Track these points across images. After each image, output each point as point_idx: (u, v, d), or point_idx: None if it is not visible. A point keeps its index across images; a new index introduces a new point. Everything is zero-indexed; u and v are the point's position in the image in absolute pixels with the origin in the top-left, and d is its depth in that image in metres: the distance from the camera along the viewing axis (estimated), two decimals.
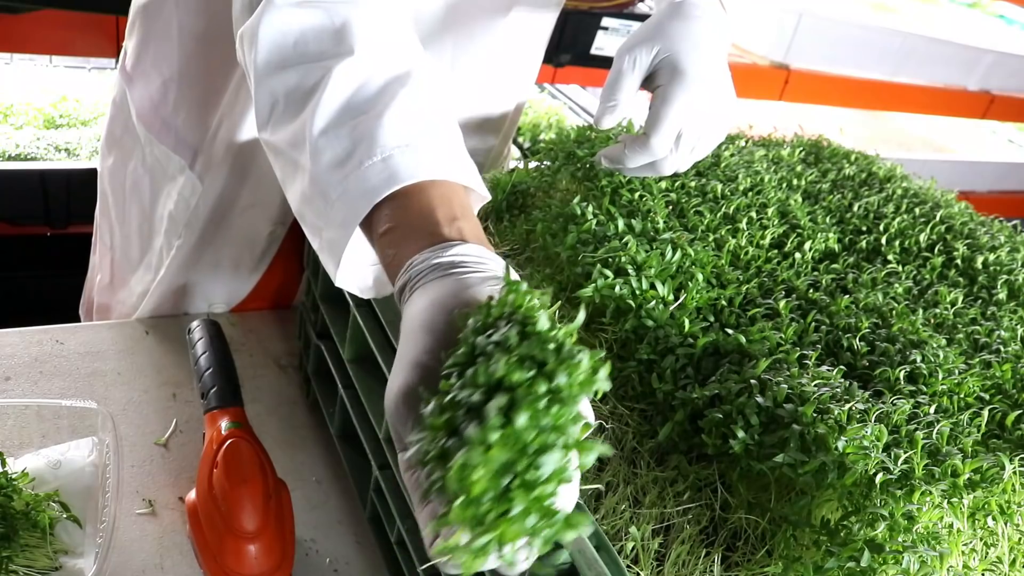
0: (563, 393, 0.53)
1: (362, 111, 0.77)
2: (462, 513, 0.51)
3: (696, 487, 0.75)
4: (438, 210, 0.71)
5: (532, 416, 0.52)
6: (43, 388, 1.06)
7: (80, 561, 0.83)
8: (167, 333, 1.20)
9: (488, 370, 0.53)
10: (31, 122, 2.47)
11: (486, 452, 0.51)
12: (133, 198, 1.26)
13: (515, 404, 0.52)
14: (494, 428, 0.51)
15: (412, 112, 0.77)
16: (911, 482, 0.68)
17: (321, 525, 0.97)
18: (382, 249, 0.72)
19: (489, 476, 0.51)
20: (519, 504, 0.51)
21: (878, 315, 0.93)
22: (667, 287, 0.87)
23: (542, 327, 0.56)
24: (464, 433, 0.52)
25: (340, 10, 0.82)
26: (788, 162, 1.28)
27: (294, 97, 0.80)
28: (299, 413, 1.12)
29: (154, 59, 1.15)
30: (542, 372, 0.53)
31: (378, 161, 0.73)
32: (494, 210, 1.11)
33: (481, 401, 0.53)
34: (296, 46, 0.81)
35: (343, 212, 0.73)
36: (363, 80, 0.78)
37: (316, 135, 0.76)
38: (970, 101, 4.00)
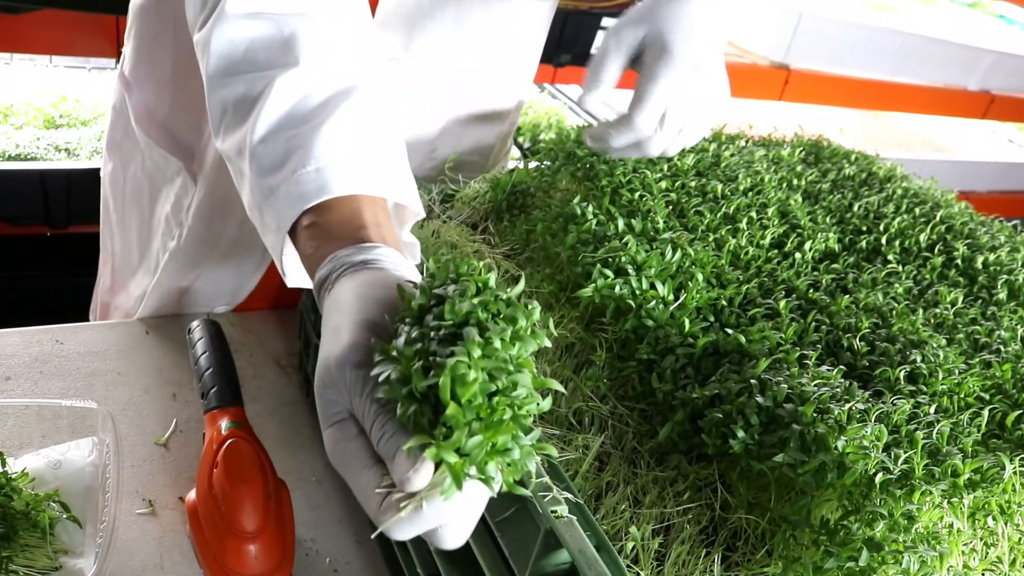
0: (522, 335, 0.56)
1: (302, 122, 0.78)
2: (457, 415, 0.52)
3: (696, 487, 0.75)
4: (365, 214, 0.73)
5: (504, 344, 0.55)
6: (43, 388, 1.05)
7: (80, 561, 0.83)
8: (167, 333, 1.20)
9: (454, 308, 0.56)
10: (31, 122, 2.47)
11: (474, 360, 0.53)
12: (133, 203, 1.26)
13: (486, 333, 0.55)
14: (475, 343, 0.53)
15: (351, 127, 0.78)
16: (911, 482, 0.68)
17: (321, 525, 0.97)
18: (304, 242, 0.73)
19: (479, 381, 0.53)
20: (506, 412, 0.54)
21: (878, 315, 0.93)
22: (667, 287, 0.87)
23: (493, 284, 0.59)
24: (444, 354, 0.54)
25: (290, 22, 0.83)
26: (788, 162, 1.28)
27: (241, 106, 0.81)
28: (299, 413, 1.12)
29: (150, 62, 1.16)
30: (499, 317, 0.57)
31: (311, 171, 0.74)
32: (494, 210, 1.11)
33: (451, 335, 0.55)
34: (245, 56, 0.82)
35: (275, 218, 0.74)
36: (305, 92, 0.79)
37: (255, 143, 0.77)
38: (970, 101, 4.00)
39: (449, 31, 1.14)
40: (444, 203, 1.16)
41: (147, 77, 1.17)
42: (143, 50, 1.16)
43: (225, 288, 1.26)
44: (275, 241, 0.75)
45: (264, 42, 0.82)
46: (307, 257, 0.72)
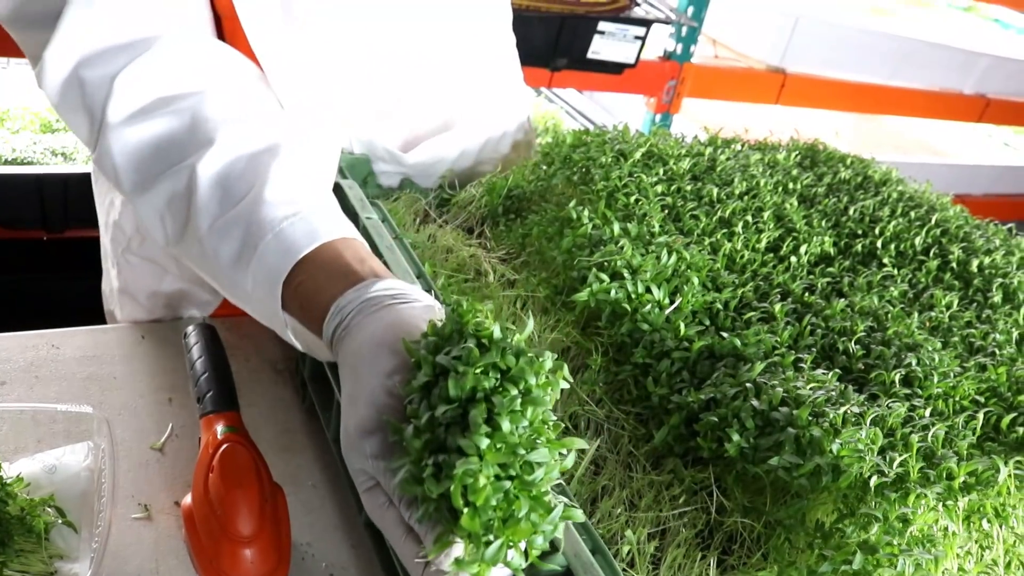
0: (534, 393, 0.55)
1: (240, 195, 0.77)
2: (472, 523, 0.51)
3: (692, 491, 0.75)
4: (346, 255, 0.72)
5: (513, 419, 0.53)
6: (39, 392, 1.05)
7: (75, 566, 0.83)
8: (163, 337, 1.20)
9: (458, 384, 0.54)
10: (28, 126, 2.47)
11: (481, 460, 0.51)
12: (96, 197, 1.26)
13: (494, 410, 0.53)
14: (482, 435, 0.52)
15: (288, 183, 0.77)
16: (906, 485, 0.68)
17: (317, 530, 0.97)
18: (299, 302, 0.72)
19: (491, 482, 0.51)
20: (524, 505, 0.52)
21: (873, 318, 0.93)
22: (663, 291, 0.87)
23: (497, 336, 0.57)
24: (451, 447, 0.53)
25: (186, 107, 0.81)
26: (784, 166, 1.28)
27: (174, 206, 0.80)
28: (295, 417, 1.12)
29: None
30: (509, 377, 0.55)
31: (271, 239, 0.73)
32: (490, 214, 1.11)
33: (458, 416, 0.54)
34: (156, 157, 0.81)
35: (260, 300, 0.75)
36: (229, 163, 0.78)
37: (205, 234, 0.77)
38: (966, 105, 4.01)
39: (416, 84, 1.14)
40: (440, 207, 1.16)
41: None
42: None
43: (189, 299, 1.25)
44: (274, 323, 0.76)
45: (168, 136, 0.80)
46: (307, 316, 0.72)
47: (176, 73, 0.83)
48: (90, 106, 0.83)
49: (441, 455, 0.53)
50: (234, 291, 0.78)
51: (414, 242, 1.02)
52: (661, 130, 1.31)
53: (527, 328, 0.60)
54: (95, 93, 0.82)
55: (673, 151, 1.18)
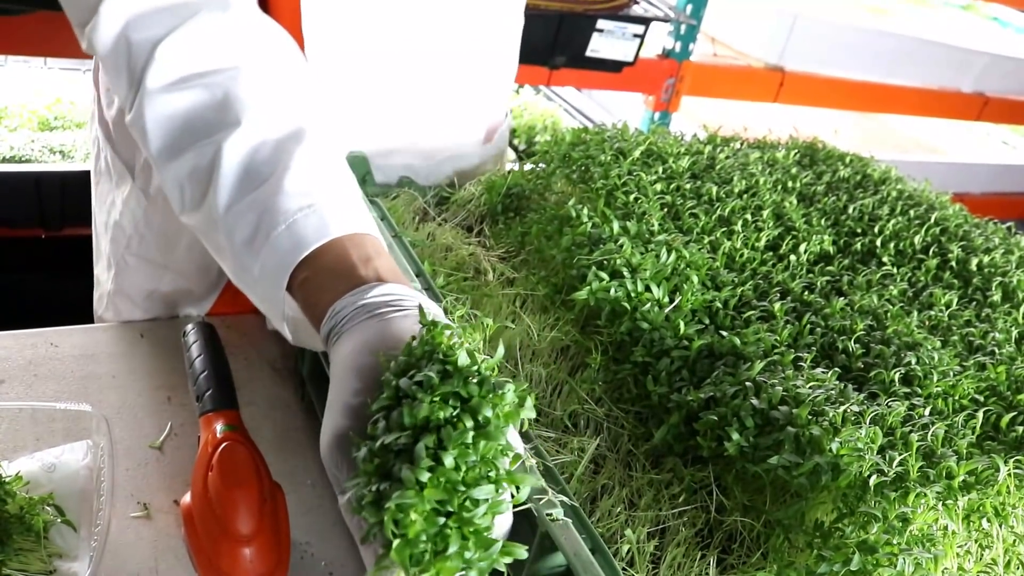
0: (490, 426, 0.54)
1: (261, 179, 0.78)
2: (400, 554, 0.52)
3: (691, 490, 0.75)
4: (352, 254, 0.73)
5: (460, 453, 0.53)
6: (37, 391, 1.05)
7: (74, 565, 0.83)
8: (162, 336, 1.20)
9: (412, 412, 0.54)
10: (26, 124, 2.47)
11: (419, 494, 0.51)
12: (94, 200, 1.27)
13: (442, 443, 0.53)
14: (423, 469, 0.52)
15: (309, 173, 0.78)
16: (906, 484, 0.68)
17: (316, 528, 0.97)
18: (303, 298, 0.73)
19: (424, 516, 0.52)
20: (455, 543, 0.53)
21: (873, 317, 0.93)
22: (662, 289, 0.87)
23: (463, 363, 0.57)
24: (395, 476, 0.53)
25: (219, 82, 0.82)
26: (783, 164, 1.28)
27: (196, 178, 0.81)
28: (294, 416, 1.12)
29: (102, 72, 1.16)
30: (466, 408, 0.55)
31: (283, 230, 0.74)
32: (489, 212, 1.11)
33: (409, 443, 0.54)
34: (185, 128, 0.82)
35: (265, 287, 0.75)
36: (255, 147, 0.79)
37: (222, 214, 0.78)
38: (965, 103, 4.01)
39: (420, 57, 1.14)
40: (439, 205, 1.16)
41: (103, 85, 1.18)
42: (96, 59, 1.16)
43: (188, 297, 1.25)
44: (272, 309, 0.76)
45: (199, 110, 0.81)
46: (310, 317, 0.73)
47: (215, 46, 0.85)
48: (132, 68, 0.85)
49: (385, 483, 0.54)
50: (240, 273, 0.79)
51: (413, 240, 1.02)
52: (660, 128, 1.31)
53: (498, 355, 0.59)
54: (137, 56, 0.84)
55: (672, 149, 1.18)
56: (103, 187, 1.23)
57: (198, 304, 1.26)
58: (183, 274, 1.20)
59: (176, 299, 1.24)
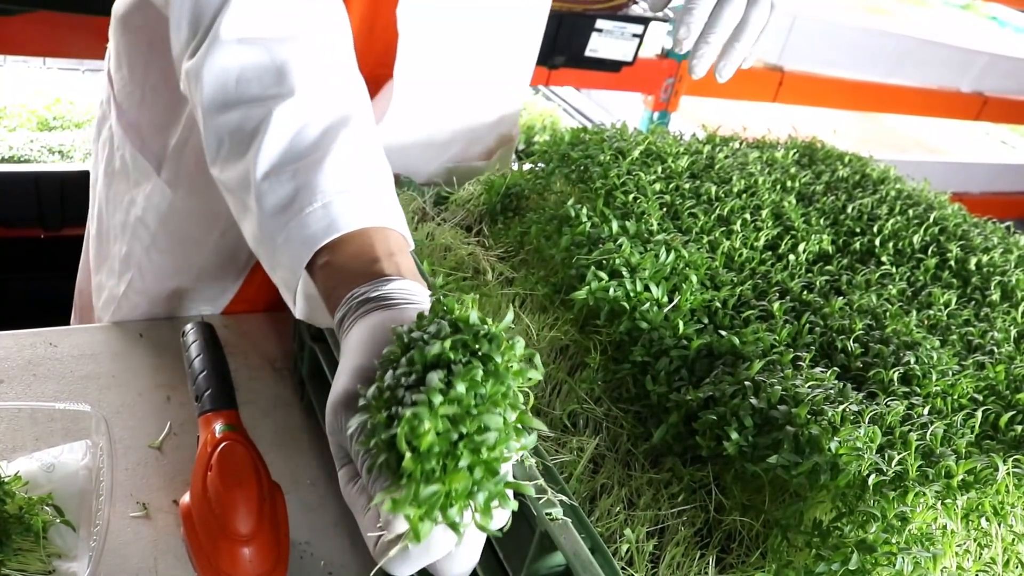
0: (499, 370, 0.55)
1: (303, 155, 0.78)
2: (413, 465, 0.51)
3: (691, 489, 0.75)
4: (376, 246, 0.73)
5: (471, 385, 0.53)
6: (36, 391, 1.05)
7: (73, 565, 0.83)
8: (161, 336, 1.20)
9: (423, 352, 0.55)
10: (25, 124, 2.47)
11: (432, 410, 0.52)
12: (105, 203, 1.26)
13: (452, 375, 0.53)
14: (436, 391, 0.52)
15: (351, 157, 0.79)
16: (905, 483, 0.68)
17: (316, 528, 0.97)
18: (322, 282, 0.74)
19: (437, 429, 0.52)
20: (465, 459, 0.53)
21: (872, 317, 0.93)
22: (661, 289, 0.87)
23: (473, 320, 0.57)
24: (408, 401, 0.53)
25: (281, 49, 0.82)
26: (782, 164, 1.28)
27: (237, 137, 0.81)
28: (293, 416, 1.12)
29: (127, 68, 1.16)
30: (476, 355, 0.55)
31: (319, 208, 0.74)
32: (488, 212, 1.11)
33: (418, 379, 0.54)
34: (238, 85, 0.82)
35: (288, 257, 0.75)
36: (304, 123, 0.79)
37: (259, 179, 0.77)
38: (963, 103, 4.02)
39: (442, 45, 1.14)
40: (438, 205, 1.16)
41: (123, 79, 1.17)
42: (120, 55, 1.16)
43: (208, 292, 1.25)
44: (289, 279, 0.76)
45: (257, 71, 0.82)
46: (326, 297, 0.73)
47: (286, 12, 0.85)
48: (200, 13, 0.84)
49: (396, 407, 0.54)
50: (261, 238, 0.78)
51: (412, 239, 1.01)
52: (659, 128, 1.31)
53: (506, 318, 0.60)
54: (210, 2, 0.84)
55: (671, 149, 1.18)
56: (118, 187, 1.22)
57: (214, 302, 1.27)
58: (207, 268, 1.21)
59: (195, 296, 1.25)
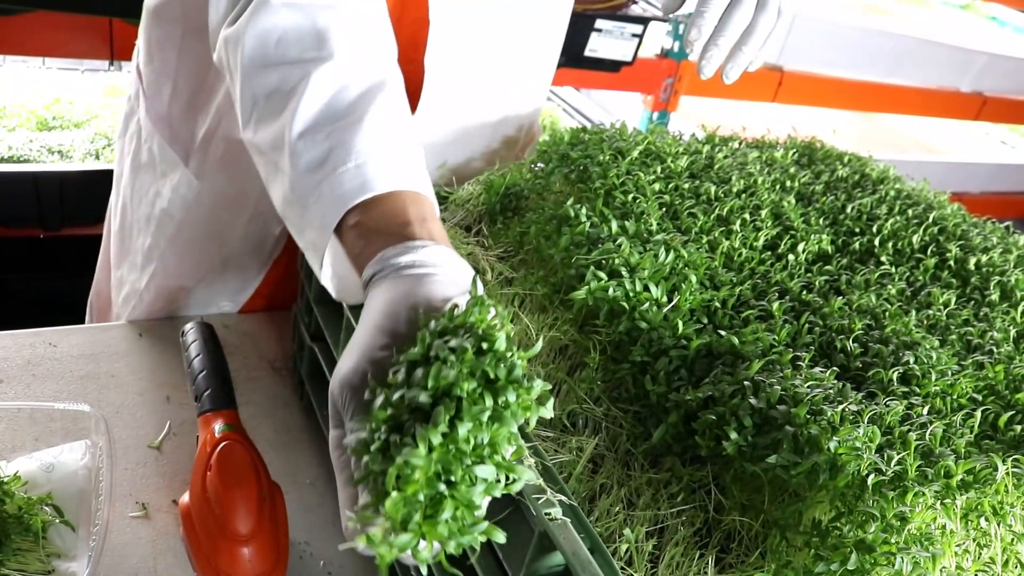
0: (507, 411, 0.55)
1: (340, 117, 0.78)
2: (394, 509, 0.52)
3: (690, 489, 0.75)
4: (409, 210, 0.74)
5: (474, 428, 0.54)
6: (36, 391, 1.05)
7: (73, 565, 0.83)
8: (160, 336, 1.20)
9: (441, 374, 0.55)
10: (24, 124, 2.47)
11: (428, 455, 0.52)
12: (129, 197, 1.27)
13: (460, 413, 0.54)
14: (438, 432, 0.52)
15: (387, 121, 0.79)
16: (904, 483, 0.68)
17: (315, 528, 0.97)
18: (351, 241, 0.74)
19: (426, 478, 0.53)
20: (447, 510, 0.53)
21: (871, 316, 0.93)
22: (661, 289, 0.87)
23: (499, 346, 0.57)
24: (407, 431, 0.54)
25: (323, 15, 0.83)
26: (781, 164, 1.28)
27: (274, 99, 0.81)
28: (293, 415, 1.12)
29: (158, 60, 1.17)
30: (490, 388, 0.55)
31: (352, 167, 0.75)
32: (488, 212, 1.11)
33: (428, 403, 0.54)
34: (278, 47, 0.82)
35: (319, 216, 0.75)
36: (341, 86, 0.80)
37: (295, 138, 0.78)
38: (963, 103, 4.02)
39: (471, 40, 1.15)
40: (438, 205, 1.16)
41: (154, 72, 1.19)
42: (151, 48, 1.18)
43: (229, 285, 1.27)
44: (319, 239, 0.76)
45: (297, 33, 0.82)
46: (355, 257, 0.74)
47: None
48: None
49: (396, 435, 0.55)
50: (291, 198, 0.79)
51: None
52: (658, 128, 1.31)
53: (535, 348, 0.60)
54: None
55: (671, 149, 1.18)
56: (143, 180, 1.23)
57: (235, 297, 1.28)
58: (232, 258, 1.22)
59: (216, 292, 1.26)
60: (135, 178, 1.25)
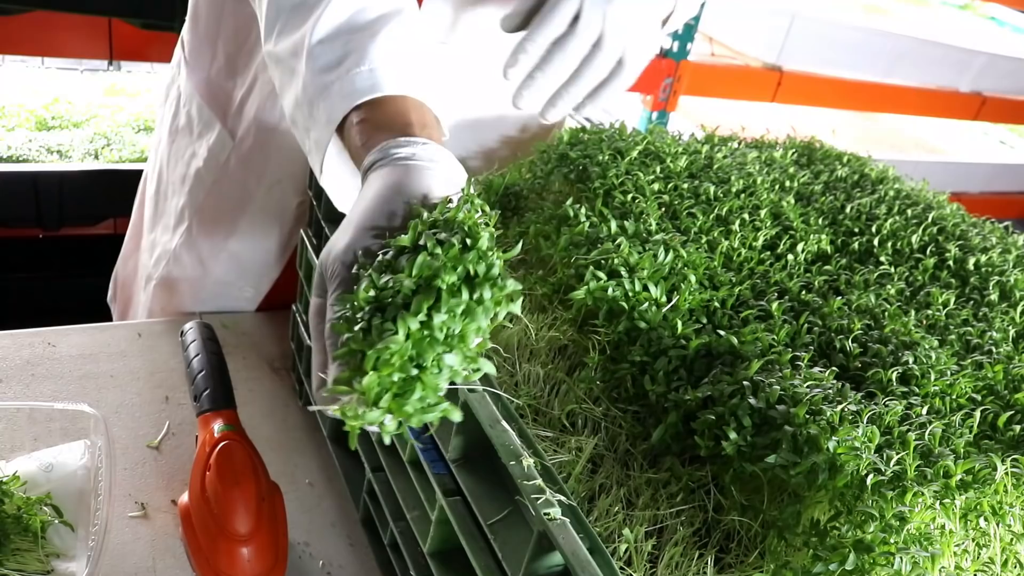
0: (481, 307, 0.60)
1: (358, 30, 0.84)
2: (369, 387, 0.56)
3: (689, 489, 0.75)
4: (412, 114, 0.78)
5: (450, 318, 0.59)
6: (35, 391, 1.05)
7: (72, 565, 0.83)
8: (160, 336, 1.20)
9: (426, 264, 0.59)
10: (23, 124, 2.47)
11: (405, 340, 0.57)
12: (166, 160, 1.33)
13: (439, 303, 0.58)
14: (416, 319, 0.57)
15: (402, 39, 0.84)
16: (903, 483, 0.68)
17: (314, 528, 0.97)
18: (355, 135, 0.78)
19: (401, 362, 0.57)
20: (416, 392, 0.58)
21: (870, 316, 0.93)
22: (660, 289, 0.87)
23: (483, 244, 0.62)
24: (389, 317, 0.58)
25: None
26: (781, 164, 1.28)
27: (298, 12, 0.87)
28: (292, 415, 1.12)
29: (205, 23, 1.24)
30: (469, 283, 0.60)
31: (365, 70, 0.80)
32: None
33: (411, 291, 0.59)
34: None
35: (326, 112, 0.80)
36: (362, 6, 0.85)
37: (314, 43, 0.83)
38: (962, 102, 4.02)
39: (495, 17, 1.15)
40: None
41: (197, 38, 1.25)
42: (198, 13, 1.25)
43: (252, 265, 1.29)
44: (323, 135, 0.80)
45: None
46: (356, 148, 0.77)
47: None
48: None
49: (378, 317, 0.59)
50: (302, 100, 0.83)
51: None
52: (658, 128, 1.31)
53: (514, 250, 0.65)
54: None
55: (670, 149, 1.18)
56: (180, 143, 1.30)
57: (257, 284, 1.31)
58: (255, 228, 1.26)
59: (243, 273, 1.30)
60: (172, 142, 1.31)
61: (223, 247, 1.28)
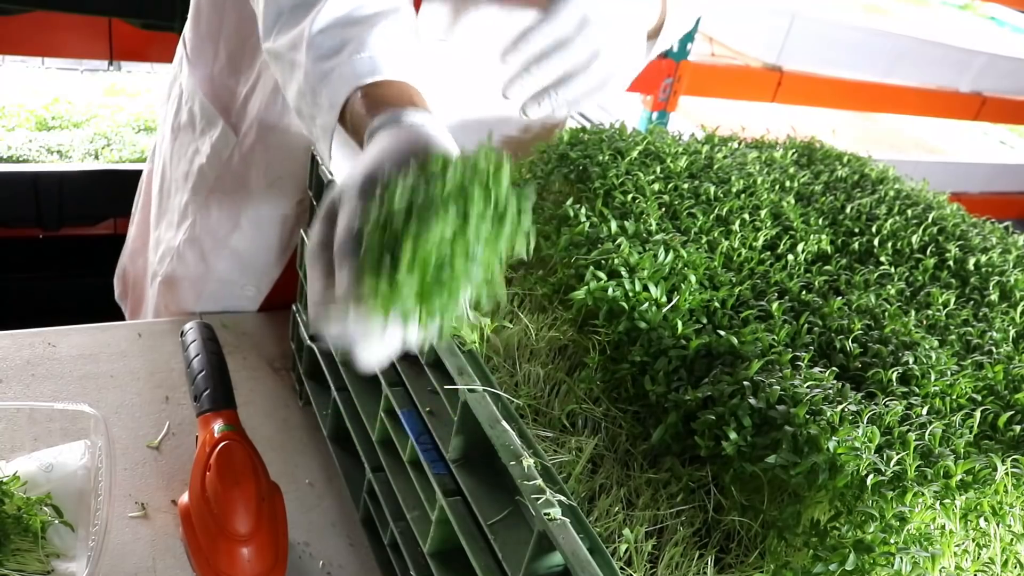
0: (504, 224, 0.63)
1: (356, 23, 0.86)
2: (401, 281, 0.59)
3: (689, 489, 0.75)
4: (415, 97, 0.80)
5: (479, 225, 0.61)
6: (35, 391, 1.05)
7: (72, 565, 0.83)
8: (160, 336, 1.20)
9: (460, 172, 0.62)
10: (23, 124, 2.46)
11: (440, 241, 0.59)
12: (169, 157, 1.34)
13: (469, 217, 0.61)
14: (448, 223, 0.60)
15: (400, 33, 0.87)
16: (903, 483, 0.68)
17: (314, 528, 0.97)
18: (357, 110, 0.79)
19: (436, 255, 0.60)
20: (444, 292, 0.61)
21: (870, 317, 0.93)
22: (660, 289, 0.87)
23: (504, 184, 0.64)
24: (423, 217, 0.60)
25: None
26: (781, 164, 1.28)
27: (297, 10, 0.89)
28: (292, 415, 1.12)
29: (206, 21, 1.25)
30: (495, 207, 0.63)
31: (366, 56, 0.82)
32: None
33: (446, 199, 0.61)
34: None
35: (329, 97, 0.82)
36: (360, 2, 0.88)
37: (314, 33, 0.85)
38: (962, 102, 4.02)
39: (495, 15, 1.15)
40: None
41: (199, 36, 1.27)
42: (200, 11, 1.26)
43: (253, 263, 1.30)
44: (328, 120, 0.82)
45: None
46: (360, 117, 0.79)
47: None
48: None
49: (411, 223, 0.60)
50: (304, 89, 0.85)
51: None
52: (658, 128, 1.31)
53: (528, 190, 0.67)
54: None
55: (670, 149, 1.18)
56: (183, 140, 1.31)
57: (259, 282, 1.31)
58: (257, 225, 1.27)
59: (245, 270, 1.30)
60: (175, 139, 1.32)
61: (225, 244, 1.28)
